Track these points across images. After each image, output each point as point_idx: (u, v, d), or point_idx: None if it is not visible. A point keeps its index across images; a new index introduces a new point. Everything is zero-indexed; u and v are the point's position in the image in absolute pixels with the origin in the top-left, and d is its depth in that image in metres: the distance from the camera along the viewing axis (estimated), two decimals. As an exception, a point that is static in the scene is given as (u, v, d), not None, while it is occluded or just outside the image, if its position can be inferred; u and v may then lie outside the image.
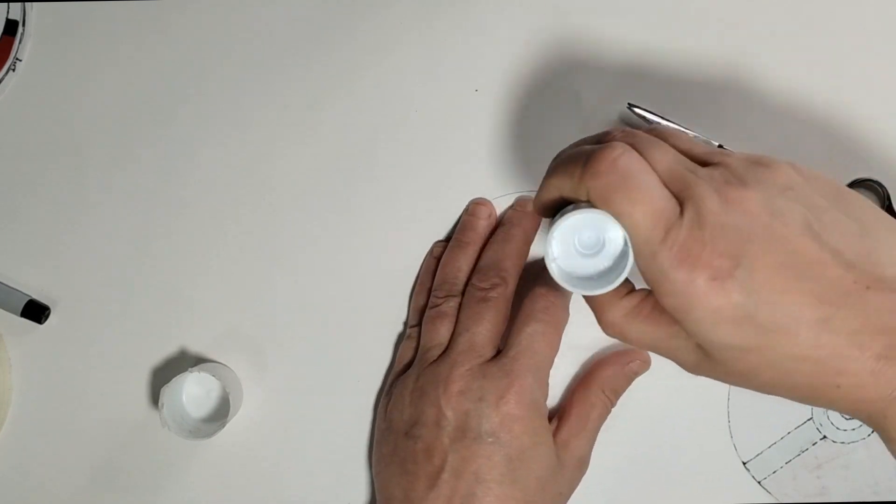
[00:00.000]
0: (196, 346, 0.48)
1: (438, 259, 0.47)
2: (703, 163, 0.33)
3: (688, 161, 0.32)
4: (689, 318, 0.31)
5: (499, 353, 0.43)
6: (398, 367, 0.46)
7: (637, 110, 0.45)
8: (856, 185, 0.45)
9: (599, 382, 0.44)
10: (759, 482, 0.45)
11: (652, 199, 0.30)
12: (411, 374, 0.44)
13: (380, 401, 0.46)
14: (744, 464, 0.45)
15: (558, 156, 0.35)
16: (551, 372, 0.43)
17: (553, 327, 0.43)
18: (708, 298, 0.30)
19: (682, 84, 0.47)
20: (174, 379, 0.45)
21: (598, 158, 0.31)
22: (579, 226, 0.32)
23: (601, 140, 0.34)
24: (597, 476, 0.45)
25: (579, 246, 0.33)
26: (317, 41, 0.49)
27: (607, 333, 0.35)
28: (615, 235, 0.32)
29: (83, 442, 0.48)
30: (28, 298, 0.48)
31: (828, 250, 0.30)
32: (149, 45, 0.50)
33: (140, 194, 0.49)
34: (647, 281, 0.32)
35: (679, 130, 0.33)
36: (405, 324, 0.48)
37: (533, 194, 0.47)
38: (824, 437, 0.45)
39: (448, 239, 0.48)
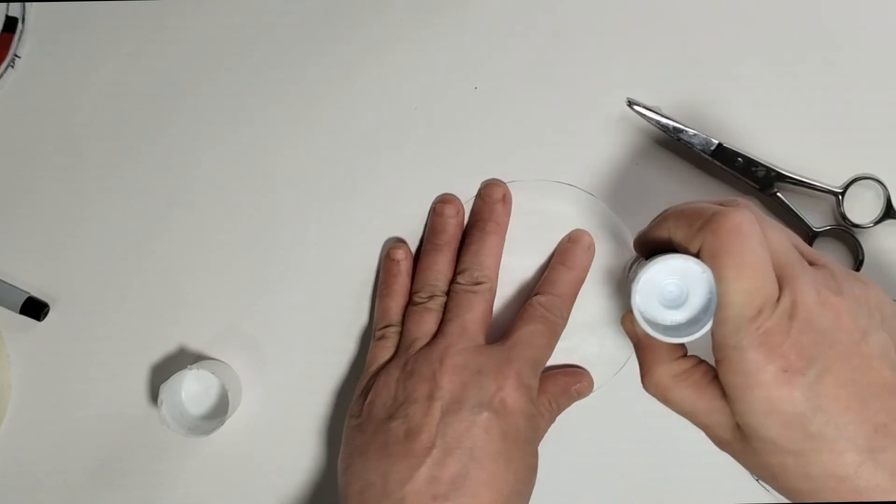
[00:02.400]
0: (195, 344, 0.48)
1: (399, 262, 0.46)
2: (808, 262, 0.33)
3: (798, 253, 0.33)
4: (743, 399, 0.31)
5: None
6: (371, 367, 0.44)
7: (637, 108, 0.45)
8: (855, 183, 0.45)
9: (546, 395, 0.44)
10: (757, 480, 0.45)
11: (758, 275, 0.30)
12: (396, 363, 0.43)
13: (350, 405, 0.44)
14: (742, 462, 0.45)
15: (677, 206, 0.35)
16: None
17: (551, 331, 0.44)
18: (771, 388, 0.30)
19: (681, 82, 0.47)
20: (173, 376, 0.45)
21: (724, 216, 0.31)
22: (675, 271, 0.32)
23: (725, 205, 0.34)
24: (597, 475, 0.45)
25: (661, 294, 0.33)
26: (316, 40, 0.49)
27: (648, 390, 0.35)
28: (700, 294, 0.32)
29: (82, 439, 0.48)
30: (27, 295, 0.48)
31: None
32: (148, 44, 0.50)
33: (139, 192, 0.49)
34: (716, 348, 0.32)
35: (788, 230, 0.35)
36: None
37: (504, 180, 0.47)
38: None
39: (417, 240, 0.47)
